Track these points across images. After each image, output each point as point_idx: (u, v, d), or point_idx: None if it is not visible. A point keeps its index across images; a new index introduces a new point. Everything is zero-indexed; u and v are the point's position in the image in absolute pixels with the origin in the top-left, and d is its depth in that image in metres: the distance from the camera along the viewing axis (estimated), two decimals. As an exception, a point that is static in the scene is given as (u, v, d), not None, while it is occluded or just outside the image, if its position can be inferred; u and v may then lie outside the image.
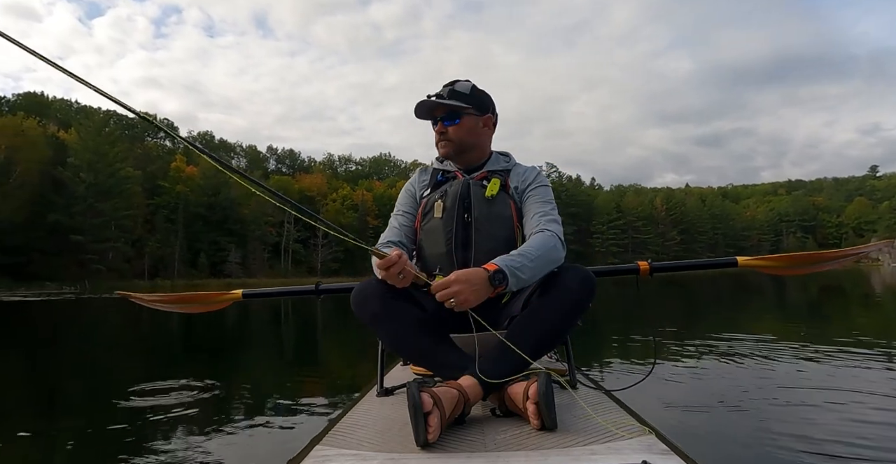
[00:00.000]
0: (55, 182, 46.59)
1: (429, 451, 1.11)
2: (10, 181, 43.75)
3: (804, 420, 2.28)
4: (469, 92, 1.66)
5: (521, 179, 1.69)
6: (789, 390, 2.86)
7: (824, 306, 10.10)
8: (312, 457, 1.11)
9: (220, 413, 2.77)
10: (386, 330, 1.46)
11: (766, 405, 2.54)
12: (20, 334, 8.28)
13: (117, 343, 6.86)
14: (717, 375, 3.37)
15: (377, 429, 1.27)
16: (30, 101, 64.23)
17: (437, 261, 1.61)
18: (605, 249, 79.05)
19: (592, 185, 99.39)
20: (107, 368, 4.89)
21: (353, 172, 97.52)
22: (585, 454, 1.05)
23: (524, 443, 1.14)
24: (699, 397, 2.76)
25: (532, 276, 1.39)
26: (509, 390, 1.30)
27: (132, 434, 2.46)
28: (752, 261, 1.80)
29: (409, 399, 1.12)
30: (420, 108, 1.64)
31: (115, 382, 3.97)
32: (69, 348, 6.23)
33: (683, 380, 3.23)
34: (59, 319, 11.25)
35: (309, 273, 64.12)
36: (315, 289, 1.71)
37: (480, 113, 1.68)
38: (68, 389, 3.88)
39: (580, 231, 78.53)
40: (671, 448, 1.07)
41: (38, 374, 4.50)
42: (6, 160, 44.28)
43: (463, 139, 1.65)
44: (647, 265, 1.70)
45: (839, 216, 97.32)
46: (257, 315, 10.49)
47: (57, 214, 45.07)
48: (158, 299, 2.01)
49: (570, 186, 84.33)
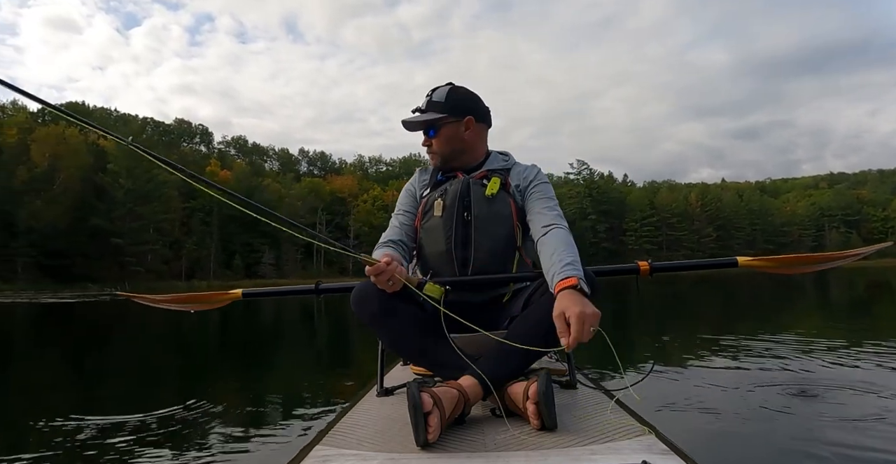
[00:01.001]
0: (96, 188, 48.28)
1: (429, 451, 1.11)
2: (53, 188, 45.67)
3: (804, 420, 2.26)
4: (444, 99, 1.65)
5: (521, 177, 1.68)
6: (790, 390, 2.82)
7: (869, 305, 9.78)
8: (312, 457, 1.11)
9: (219, 413, 2.78)
10: (386, 330, 1.46)
11: (767, 405, 2.51)
12: (64, 334, 8.54)
13: (138, 342, 7.06)
14: (717, 375, 3.31)
15: (377, 429, 1.27)
16: (73, 110, 66.11)
17: (436, 259, 1.62)
18: (638, 247, 77.52)
19: (625, 181, 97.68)
20: (120, 367, 5.01)
21: (383, 173, 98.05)
22: (585, 454, 1.05)
23: (524, 443, 1.14)
24: (699, 397, 2.72)
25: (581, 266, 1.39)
26: (509, 389, 1.29)
27: (131, 435, 2.45)
28: (751, 261, 1.78)
29: (409, 399, 1.12)
30: (405, 127, 1.68)
31: (117, 381, 4.05)
32: (108, 347, 6.42)
33: (683, 380, 3.20)
34: (100, 319, 11.60)
35: (341, 273, 64.69)
36: (315, 288, 1.71)
37: (459, 117, 1.65)
38: (98, 387, 3.98)
39: (612, 229, 77.32)
40: (671, 448, 1.06)
41: (79, 371, 4.66)
42: (50, 168, 46.20)
43: (444, 149, 1.67)
44: (647, 265, 1.68)
45: (885, 210, 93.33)
46: (290, 313, 10.63)
47: (98, 219, 46.68)
48: (161, 300, 2.02)
49: (601, 183, 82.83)
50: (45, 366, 5.19)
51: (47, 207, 43.94)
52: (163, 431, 2.48)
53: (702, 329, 6.30)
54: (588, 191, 77.22)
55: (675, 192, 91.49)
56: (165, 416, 2.72)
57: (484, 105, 1.72)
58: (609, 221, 76.77)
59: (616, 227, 78.63)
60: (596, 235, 74.37)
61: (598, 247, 73.61)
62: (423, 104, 1.67)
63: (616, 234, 78.27)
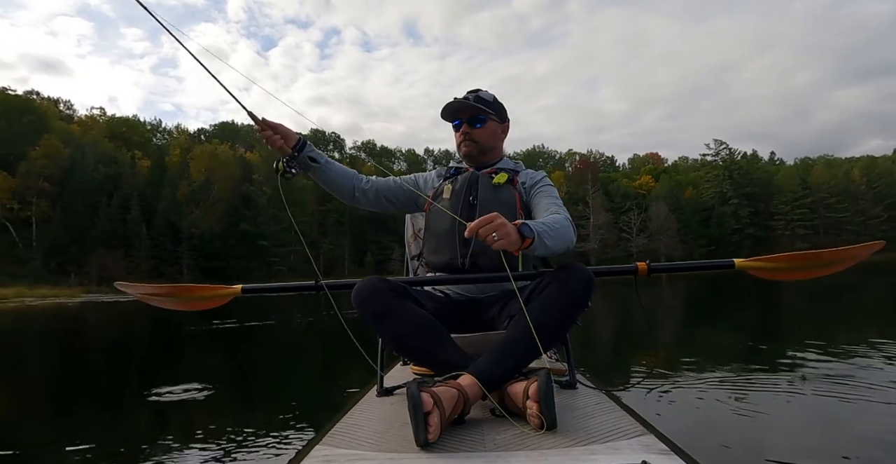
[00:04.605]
0: (244, 196, 53.51)
1: (428, 451, 1.11)
2: (209, 198, 51.45)
3: (805, 421, 2.26)
4: (492, 100, 1.84)
5: (528, 177, 1.82)
6: (791, 391, 2.79)
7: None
8: (312, 457, 1.13)
9: (218, 413, 2.85)
10: (386, 328, 1.47)
11: (768, 406, 2.49)
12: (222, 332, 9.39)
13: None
14: (717, 375, 3.24)
15: (377, 429, 1.28)
16: (224, 129, 73.87)
17: (441, 240, 1.72)
18: (790, 232, 69.50)
19: (772, 160, 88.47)
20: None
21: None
22: (585, 454, 1.04)
23: (524, 443, 1.13)
24: (699, 397, 2.69)
25: (552, 245, 1.41)
26: (509, 389, 1.28)
27: (130, 433, 2.53)
28: (748, 263, 1.67)
29: (409, 399, 1.13)
30: (449, 108, 1.79)
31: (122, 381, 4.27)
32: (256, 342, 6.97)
33: (683, 380, 3.14)
34: (246, 314, 12.71)
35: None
36: (315, 285, 1.71)
37: (500, 120, 1.88)
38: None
39: (757, 213, 70.30)
40: (671, 448, 1.05)
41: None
42: (205, 181, 52.14)
43: (485, 141, 1.83)
44: (645, 266, 1.67)
45: None
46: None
47: (246, 224, 51.71)
48: (152, 292, 1.82)
49: (743, 163, 75.33)
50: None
51: (205, 215, 49.91)
52: (163, 431, 2.55)
53: (702, 329, 6.25)
54: (728, 173, 70.75)
55: (833, 168, 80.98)
56: (165, 415, 2.78)
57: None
58: (754, 204, 69.74)
59: (762, 211, 71.37)
60: (739, 221, 67.93)
61: (741, 233, 67.22)
62: (470, 97, 1.81)
63: (763, 218, 71.02)
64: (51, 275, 39.50)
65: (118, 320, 10.09)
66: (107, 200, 46.56)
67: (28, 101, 56.02)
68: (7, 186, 44.57)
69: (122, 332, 9.37)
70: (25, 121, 49.43)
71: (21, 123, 48.72)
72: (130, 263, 44.34)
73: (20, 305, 22.59)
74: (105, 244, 43.81)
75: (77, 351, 6.82)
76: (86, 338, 9.17)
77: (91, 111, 67.64)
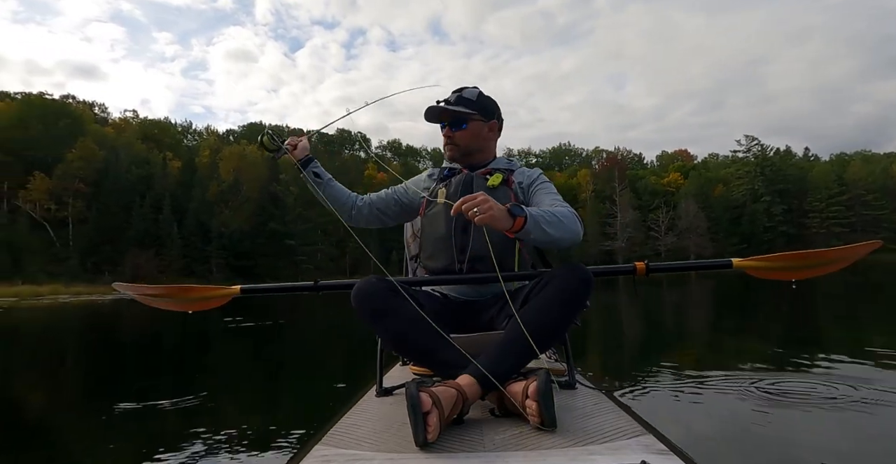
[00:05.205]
0: (272, 196, 54.26)
1: (427, 451, 1.11)
2: (238, 198, 52.32)
3: (805, 421, 2.23)
4: (475, 98, 1.78)
5: (525, 176, 1.77)
6: (791, 391, 2.72)
7: None
8: (311, 457, 1.13)
9: (218, 413, 2.84)
10: (385, 328, 1.47)
11: (768, 406, 2.45)
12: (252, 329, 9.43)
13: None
14: (717, 375, 3.19)
15: (376, 429, 1.29)
16: (251, 130, 75.01)
17: (437, 244, 1.69)
18: (825, 230, 67.32)
19: (806, 156, 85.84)
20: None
21: (532, 165, 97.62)
22: (584, 454, 1.04)
23: (523, 443, 1.13)
24: (699, 398, 2.68)
25: (554, 233, 1.40)
26: (508, 388, 1.27)
27: (129, 434, 2.52)
28: (746, 262, 1.64)
29: (408, 399, 1.13)
30: (428, 113, 1.76)
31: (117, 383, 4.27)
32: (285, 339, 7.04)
33: (683, 380, 3.10)
34: (275, 312, 12.84)
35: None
36: (314, 285, 1.70)
37: (486, 119, 1.80)
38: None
39: (791, 210, 68.41)
40: (670, 448, 1.05)
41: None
42: (234, 181, 53.13)
43: (468, 143, 1.79)
44: (643, 266, 1.66)
45: None
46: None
47: (274, 223, 52.39)
48: (151, 293, 1.79)
49: (776, 159, 73.29)
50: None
51: (234, 214, 50.85)
52: (162, 431, 2.55)
53: (703, 330, 6.18)
54: (760, 169, 68.99)
55: (871, 164, 78.29)
56: (164, 416, 2.77)
57: (501, 114, 1.87)
58: (787, 201, 67.89)
59: (796, 208, 69.42)
60: (772, 219, 66.20)
61: (774, 231, 65.45)
62: (451, 99, 1.76)
63: (796, 216, 69.07)
64: (87, 274, 40.61)
65: (147, 319, 10.30)
66: (139, 200, 47.69)
67: (64, 106, 57.83)
68: (45, 188, 46.05)
69: (145, 330, 9.54)
70: (62, 124, 51.02)
71: (58, 127, 50.30)
72: (162, 261, 45.37)
73: (53, 303, 23.22)
74: (138, 244, 44.87)
75: (91, 348, 7.01)
76: (107, 334, 9.45)
77: (124, 114, 69.87)
